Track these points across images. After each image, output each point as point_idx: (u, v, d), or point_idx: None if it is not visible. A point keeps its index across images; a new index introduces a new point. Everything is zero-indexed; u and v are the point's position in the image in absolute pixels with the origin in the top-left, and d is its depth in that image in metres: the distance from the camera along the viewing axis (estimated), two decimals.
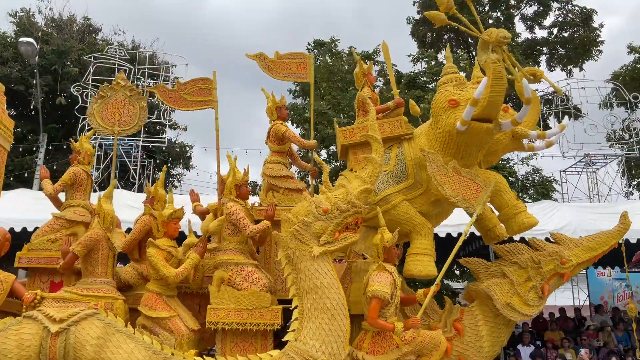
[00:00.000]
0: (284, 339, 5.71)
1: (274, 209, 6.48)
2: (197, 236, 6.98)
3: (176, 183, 29.51)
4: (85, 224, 6.91)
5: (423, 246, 6.67)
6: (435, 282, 6.09)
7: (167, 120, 24.57)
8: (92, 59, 23.69)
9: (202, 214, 7.52)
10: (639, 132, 24.04)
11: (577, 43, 27.55)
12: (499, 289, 6.34)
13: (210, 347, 6.53)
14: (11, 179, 21.69)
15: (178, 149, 28.71)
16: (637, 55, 27.52)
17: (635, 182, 28.02)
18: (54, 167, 22.03)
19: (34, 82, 21.87)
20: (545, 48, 28.57)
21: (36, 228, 7.28)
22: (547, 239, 6.95)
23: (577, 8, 27.78)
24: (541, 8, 28.04)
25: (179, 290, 6.31)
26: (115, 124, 7.25)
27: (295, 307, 5.78)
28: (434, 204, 6.87)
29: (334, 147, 25.99)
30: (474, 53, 28.23)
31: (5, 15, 26.95)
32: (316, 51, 26.26)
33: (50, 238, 6.66)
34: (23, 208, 12.08)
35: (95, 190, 20.44)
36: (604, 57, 28.43)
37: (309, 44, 26.56)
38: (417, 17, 29.14)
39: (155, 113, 23.50)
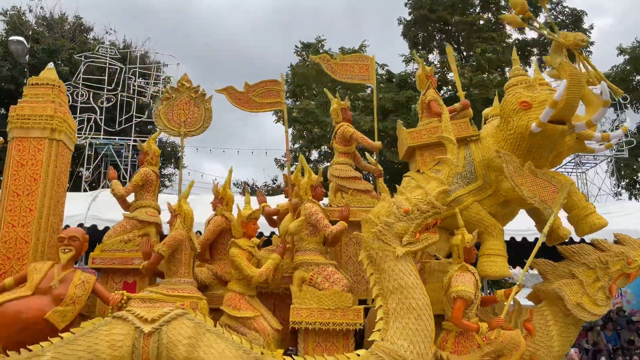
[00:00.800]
0: (369, 339, 5.74)
1: (348, 209, 6.51)
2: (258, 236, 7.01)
3: (167, 183, 29.37)
4: (156, 225, 6.94)
5: (496, 247, 6.76)
6: (517, 283, 6.18)
7: None
8: (82, 58, 23.63)
9: (270, 215, 7.52)
10: (628, 133, 24.40)
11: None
12: (569, 289, 6.41)
13: (288, 347, 6.56)
14: None
15: (169, 149, 28.56)
16: (627, 56, 27.90)
17: (624, 183, 28.37)
18: None
19: (25, 81, 21.10)
20: (535, 49, 28.84)
21: None
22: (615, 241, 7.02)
23: (567, 9, 28.29)
24: (532, 9, 28.26)
25: None
26: (182, 125, 7.24)
27: (379, 307, 5.82)
28: (502, 205, 6.94)
29: (325, 148, 26.52)
30: (464, 54, 28.55)
31: None
32: (304, 53, 26.84)
33: (123, 239, 6.68)
34: None
35: (85, 190, 20.42)
36: (594, 58, 28.68)
37: (296, 46, 27.26)
38: (409, 17, 29.32)
39: (146, 112, 23.61)
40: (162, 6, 72.52)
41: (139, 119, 23.38)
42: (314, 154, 28.41)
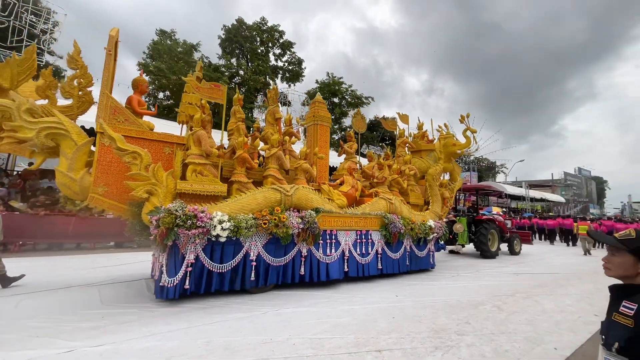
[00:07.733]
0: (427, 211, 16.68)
1: None
2: None
3: None
4: None
5: None
6: None
7: None
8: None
9: None
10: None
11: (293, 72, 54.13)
12: None
13: None
14: None
15: None
16: (318, 85, 56.84)
17: None
18: None
19: None
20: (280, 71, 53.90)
21: None
22: None
23: (296, 56, 54.68)
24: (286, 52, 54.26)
25: None
26: None
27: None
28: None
29: None
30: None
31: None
32: None
33: None
34: None
35: None
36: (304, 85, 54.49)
37: None
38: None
39: (35, 40, 31.24)
40: None
41: (29, 43, 30.57)
42: None
